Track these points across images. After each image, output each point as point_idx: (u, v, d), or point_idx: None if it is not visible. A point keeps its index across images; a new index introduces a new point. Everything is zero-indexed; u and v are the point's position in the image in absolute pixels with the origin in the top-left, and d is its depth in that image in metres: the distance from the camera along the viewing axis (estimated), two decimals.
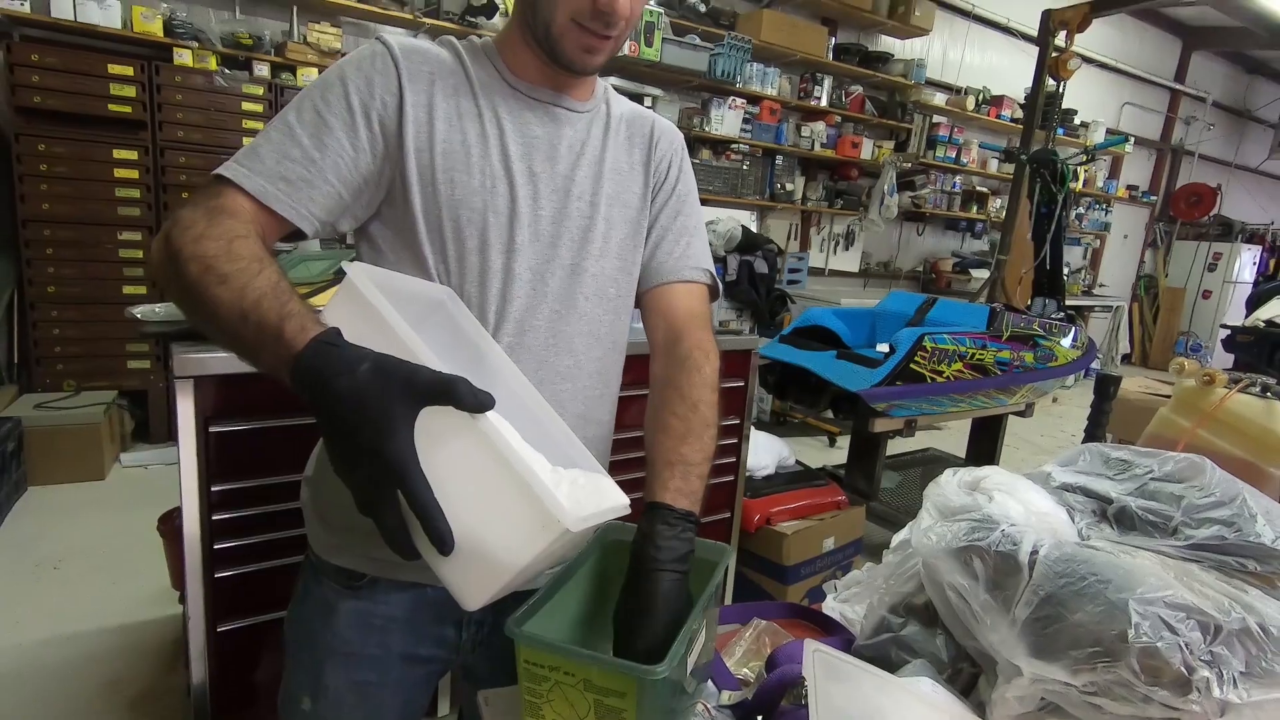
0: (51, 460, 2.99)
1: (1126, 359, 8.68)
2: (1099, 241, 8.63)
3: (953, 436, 4.50)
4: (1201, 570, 0.68)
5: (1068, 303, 6.12)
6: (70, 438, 3.03)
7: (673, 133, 0.97)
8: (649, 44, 4.39)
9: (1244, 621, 0.60)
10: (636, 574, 0.68)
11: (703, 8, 4.86)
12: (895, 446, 3.33)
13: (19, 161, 3.09)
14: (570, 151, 0.85)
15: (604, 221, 0.86)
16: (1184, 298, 8.88)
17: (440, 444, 0.55)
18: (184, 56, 3.37)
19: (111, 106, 3.18)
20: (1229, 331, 3.86)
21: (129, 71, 3.19)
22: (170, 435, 3.36)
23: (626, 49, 4.33)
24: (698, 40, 4.71)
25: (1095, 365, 7.35)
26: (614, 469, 0.82)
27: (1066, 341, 3.12)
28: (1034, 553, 0.68)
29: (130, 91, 3.20)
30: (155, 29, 3.33)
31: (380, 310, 0.60)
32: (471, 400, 0.54)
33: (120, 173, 3.25)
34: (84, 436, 3.06)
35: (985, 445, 3.48)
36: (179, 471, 1.32)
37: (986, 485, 0.81)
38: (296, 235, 0.75)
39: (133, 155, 3.26)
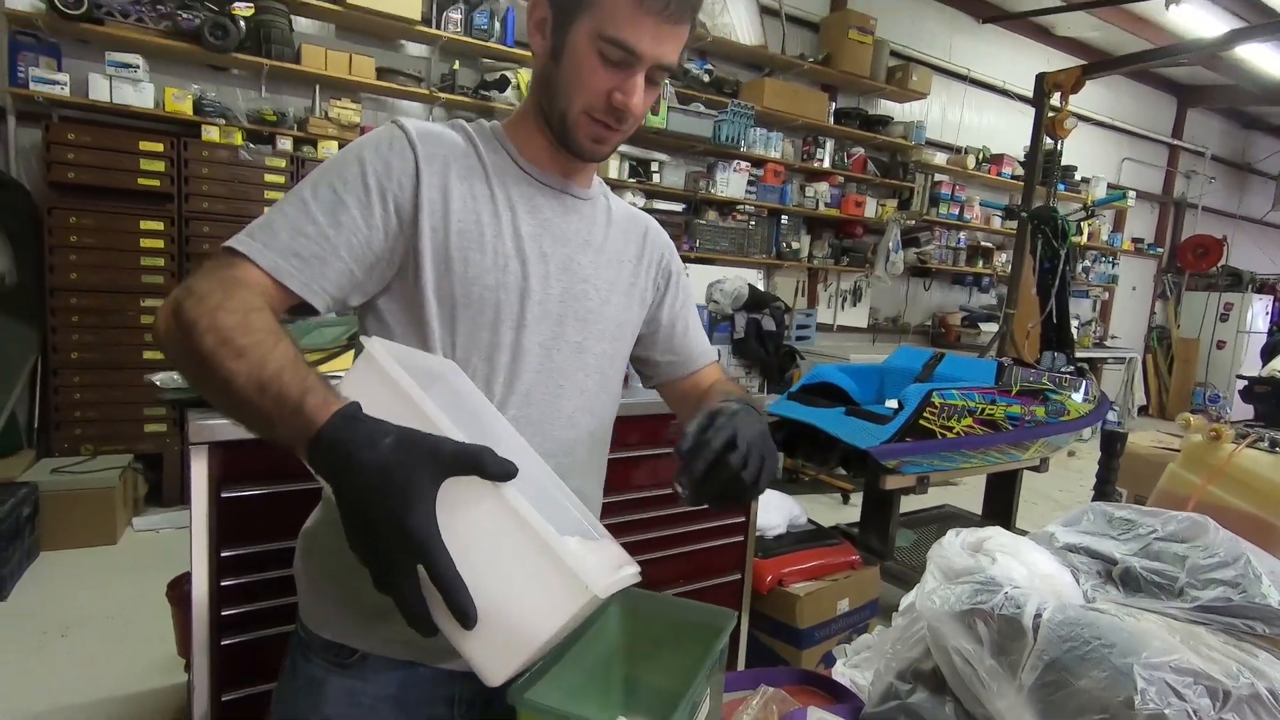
0: (65, 525, 3.01)
1: (1144, 410, 8.58)
2: (1107, 294, 8.65)
3: (969, 492, 4.43)
4: (1209, 633, 0.67)
5: (1079, 355, 6.11)
6: (85, 501, 3.05)
7: (661, 231, 1.04)
8: (655, 113, 4.56)
9: (1253, 687, 0.59)
10: (709, 415, 0.72)
11: (706, 77, 5.06)
12: (910, 504, 3.29)
13: (50, 234, 3.22)
14: (577, 236, 0.89)
15: (607, 305, 0.91)
16: (1198, 348, 8.82)
17: (462, 514, 0.55)
18: (211, 133, 3.54)
19: (141, 180, 3.33)
20: (1246, 382, 3.83)
21: (159, 148, 3.35)
22: (183, 499, 3.39)
23: None
24: (702, 108, 4.88)
25: (1112, 418, 7.30)
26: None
27: (1078, 396, 3.11)
28: (1038, 616, 0.68)
29: (159, 166, 3.35)
30: (185, 108, 3.51)
31: (401, 383, 0.60)
32: (498, 469, 0.54)
33: (146, 242, 3.37)
34: (98, 500, 3.08)
35: (1001, 501, 3.42)
36: (190, 536, 1.33)
37: (990, 546, 0.81)
38: (306, 310, 0.76)
39: (159, 226, 3.39)
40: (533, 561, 0.55)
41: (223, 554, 1.34)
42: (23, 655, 2.32)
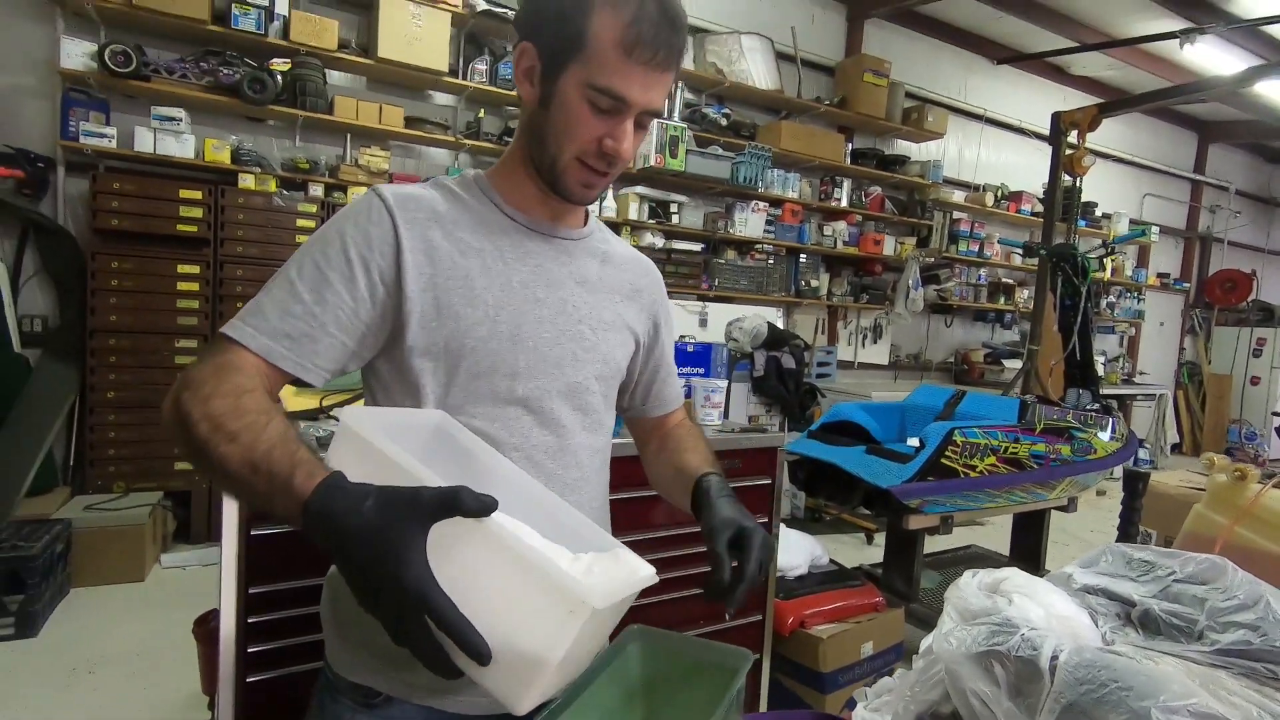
0: (96, 561, 3.06)
1: (1177, 448, 8.37)
2: (1134, 329, 8.53)
3: (996, 533, 4.34)
4: (1229, 677, 0.66)
5: (1107, 392, 6.00)
6: (115, 539, 3.11)
7: (655, 272, 1.06)
8: (674, 156, 4.66)
9: None
10: (720, 506, 0.84)
11: (724, 121, 5.18)
12: (935, 544, 3.23)
13: (93, 278, 3.35)
14: (570, 278, 0.91)
15: (602, 343, 0.92)
16: (1231, 384, 8.63)
17: (454, 555, 0.57)
18: (247, 180, 3.69)
19: (180, 226, 3.47)
20: None
21: (198, 195, 3.49)
22: (210, 535, 3.44)
23: (653, 160, 4.60)
24: (720, 150, 4.98)
25: (1145, 456, 7.13)
26: None
27: (1105, 434, 3.06)
28: (1054, 658, 0.68)
29: (198, 213, 3.49)
30: (224, 158, 3.66)
31: (376, 444, 0.63)
32: (476, 506, 0.55)
33: (183, 285, 3.50)
34: (129, 537, 3.14)
35: (1029, 541, 3.35)
36: (219, 573, 1.36)
37: (1006, 587, 0.81)
38: (304, 383, 0.79)
39: (195, 269, 3.51)
40: (529, 586, 0.56)
41: (251, 590, 1.37)
42: (53, 691, 2.35)
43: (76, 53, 3.37)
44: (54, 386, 3.35)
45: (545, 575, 0.55)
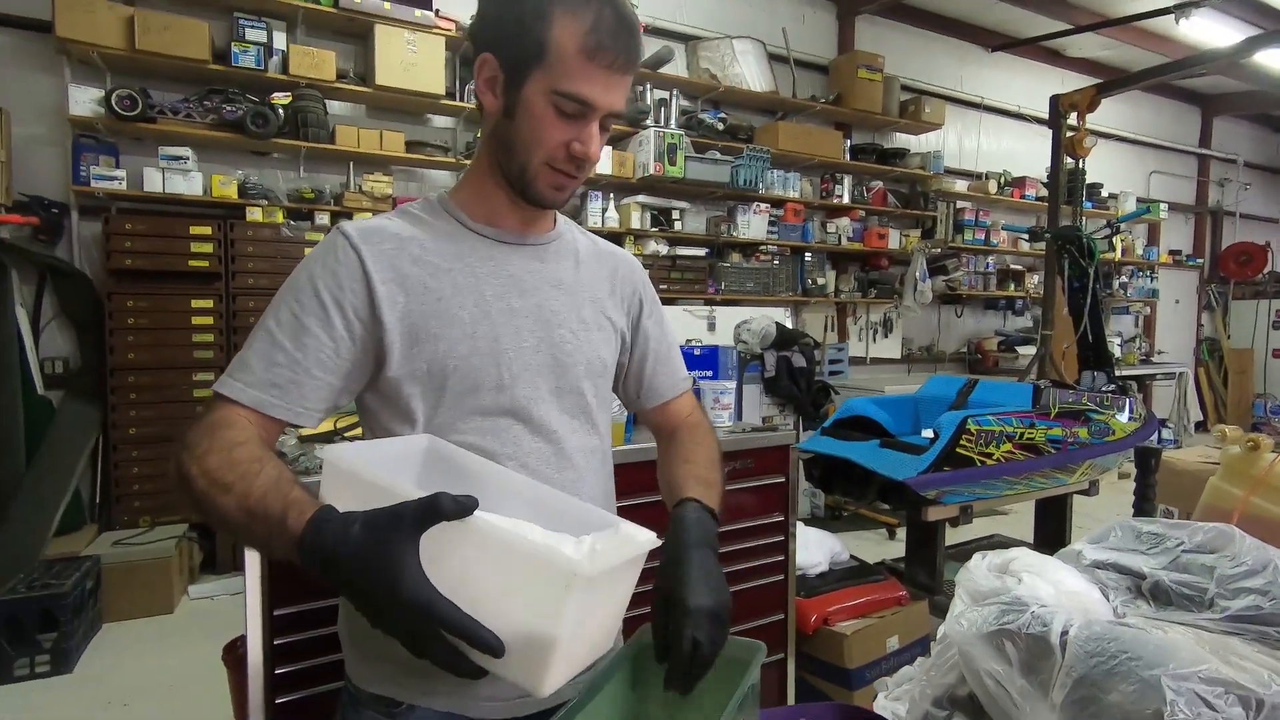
0: (126, 595, 3.11)
1: (1200, 426, 8.24)
2: (1149, 308, 8.43)
3: (1019, 521, 4.29)
4: (1242, 643, 0.67)
5: (1125, 373, 5.93)
6: (144, 572, 3.16)
7: (632, 262, 1.05)
8: (673, 163, 4.69)
9: None
10: (673, 559, 0.78)
11: (720, 126, 5.20)
12: (957, 535, 3.21)
13: (110, 318, 3.42)
14: (544, 282, 0.91)
15: (584, 344, 0.93)
16: (1253, 358, 8.50)
17: (449, 559, 0.59)
18: (255, 213, 3.75)
19: (191, 262, 3.53)
20: None
21: (208, 230, 3.56)
22: (236, 565, 3.48)
23: (652, 168, 4.63)
24: (718, 155, 5.01)
25: (1168, 435, 7.03)
26: None
27: (1123, 415, 3.04)
28: (1064, 633, 0.68)
29: (208, 248, 3.56)
30: (231, 192, 3.73)
31: (358, 473, 0.66)
32: (455, 508, 0.57)
33: (197, 320, 3.56)
34: (156, 570, 3.18)
35: (1053, 527, 3.32)
36: (245, 598, 1.39)
37: (1015, 567, 0.82)
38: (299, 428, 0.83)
39: (208, 303, 3.57)
40: (521, 570, 0.57)
41: (276, 613, 1.39)
42: None
43: (84, 99, 3.46)
44: (77, 426, 3.42)
45: (533, 555, 0.57)
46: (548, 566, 0.56)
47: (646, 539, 0.67)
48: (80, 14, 3.32)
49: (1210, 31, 6.01)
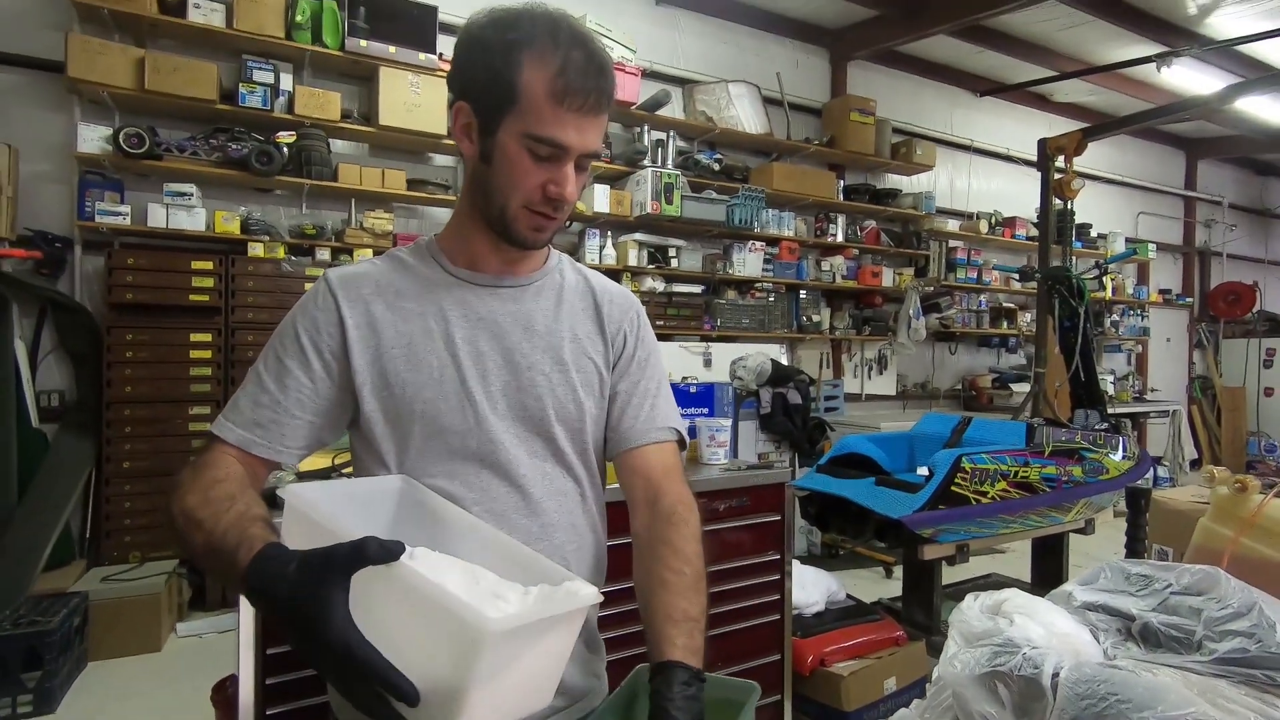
0: (113, 633, 3.06)
1: (1195, 465, 8.25)
2: (1141, 346, 8.51)
3: (1016, 560, 4.28)
4: (1229, 685, 0.68)
5: (1119, 411, 5.96)
6: (132, 609, 3.11)
7: (624, 300, 1.02)
8: (669, 202, 4.77)
9: None
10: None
11: (716, 166, 5.31)
12: (954, 574, 3.19)
13: (109, 351, 3.43)
14: (516, 325, 0.91)
15: (562, 386, 0.91)
16: (1245, 396, 8.55)
17: (375, 603, 0.59)
18: (257, 249, 3.79)
19: (192, 296, 3.56)
20: None
21: (209, 265, 3.59)
22: (225, 601, 3.44)
23: (649, 207, 4.71)
24: (714, 194, 5.10)
25: (1163, 474, 7.03)
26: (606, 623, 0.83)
27: (1117, 455, 3.05)
28: (1056, 675, 0.69)
29: (209, 283, 3.59)
30: (234, 228, 3.78)
31: (308, 513, 0.68)
32: (380, 553, 0.58)
33: (195, 354, 3.57)
34: (145, 607, 3.14)
35: (1050, 566, 3.31)
36: (237, 636, 1.38)
37: (1007, 609, 0.82)
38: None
39: (207, 337, 3.59)
40: (435, 621, 0.57)
41: (268, 652, 1.38)
42: None
43: (92, 137, 3.52)
44: (71, 460, 3.40)
45: (445, 609, 0.57)
46: (460, 622, 0.56)
47: (588, 595, 0.67)
48: (92, 55, 3.41)
49: (1191, 79, 6.21)
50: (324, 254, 4.00)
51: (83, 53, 3.38)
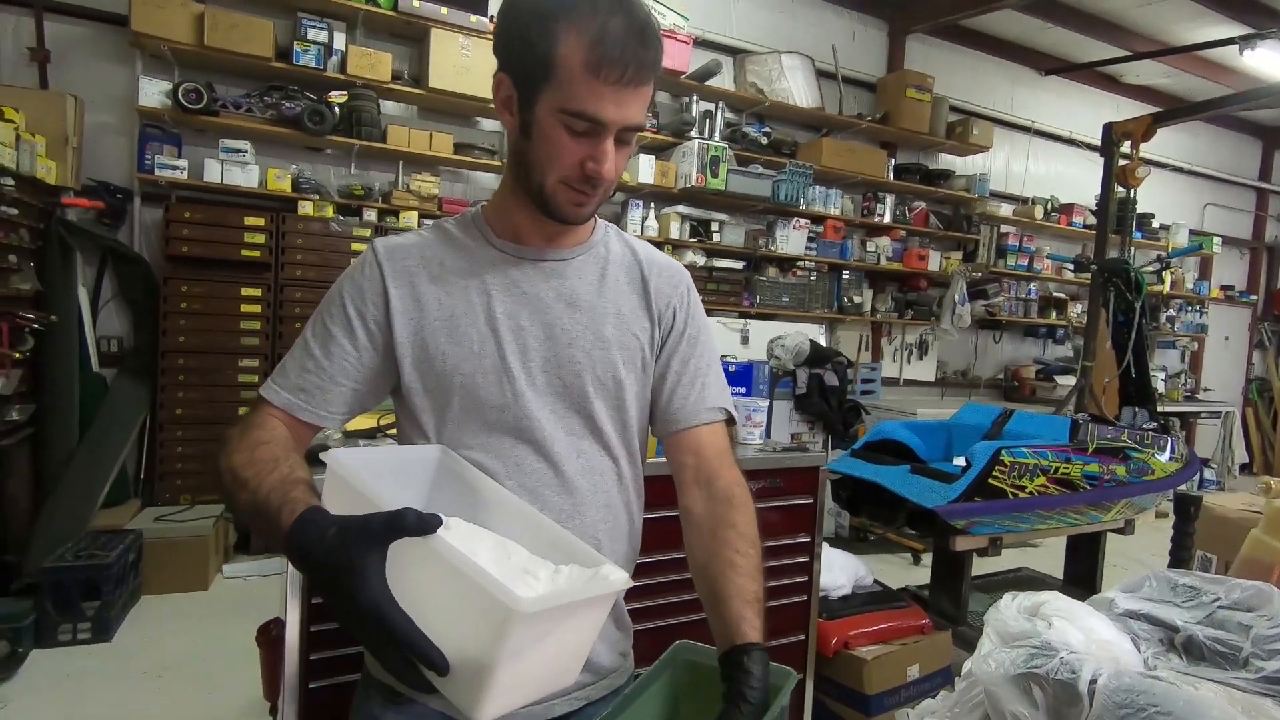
0: (165, 570, 3.22)
1: (1246, 469, 7.97)
2: (1196, 344, 8.19)
3: (1049, 555, 4.21)
4: (1276, 705, 0.66)
5: (1168, 410, 5.77)
6: (182, 549, 3.27)
7: (673, 273, 0.99)
8: (714, 175, 4.71)
9: None
10: (740, 711, 0.72)
11: (764, 140, 5.21)
12: (984, 566, 3.16)
13: (165, 301, 3.56)
14: (559, 300, 0.90)
15: (603, 364, 0.90)
16: None
17: (410, 573, 0.61)
18: (306, 207, 3.87)
19: (244, 252, 3.66)
20: None
21: (261, 222, 3.68)
22: (269, 547, 3.59)
23: (694, 179, 4.66)
24: (760, 169, 5.01)
25: (1210, 476, 6.81)
26: (636, 594, 0.85)
27: (1164, 455, 2.96)
28: (1093, 682, 0.69)
29: (260, 239, 3.68)
30: (285, 186, 3.85)
31: (349, 479, 0.69)
32: (418, 525, 0.59)
33: (246, 308, 3.68)
34: (194, 548, 3.29)
35: (1084, 565, 3.25)
36: (284, 582, 1.44)
37: (1046, 611, 0.82)
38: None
39: (258, 292, 3.69)
40: (467, 597, 0.59)
41: (314, 599, 1.44)
42: (125, 695, 2.48)
43: (153, 91, 3.60)
44: (128, 404, 3.55)
45: (477, 585, 0.58)
46: (490, 599, 0.57)
47: (618, 580, 0.68)
48: (154, 9, 3.47)
49: (1275, 63, 5.85)
50: (371, 215, 4.06)
51: (145, 5, 3.45)
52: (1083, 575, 3.20)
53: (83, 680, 2.55)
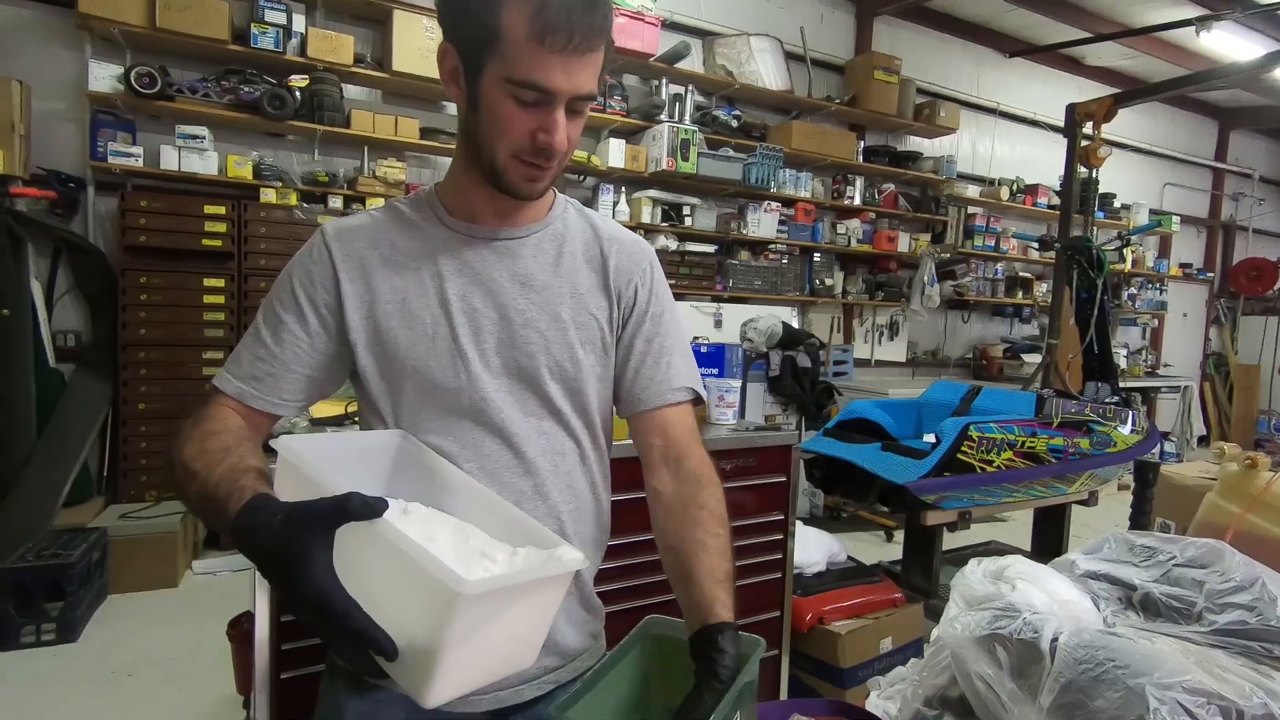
0: (131, 568, 3.16)
1: (1203, 441, 8.23)
2: (1157, 321, 8.42)
3: (1017, 528, 4.32)
4: (1226, 656, 0.69)
5: (1131, 385, 5.93)
6: (149, 546, 3.20)
7: (635, 249, 0.96)
8: (685, 159, 4.69)
9: (1266, 707, 0.60)
10: (712, 690, 0.71)
11: (734, 123, 5.20)
12: (955, 540, 3.23)
13: (123, 293, 3.45)
14: (513, 281, 0.88)
15: (559, 345, 0.88)
16: (1259, 375, 8.47)
17: (357, 558, 0.60)
18: (269, 195, 3.77)
19: (205, 241, 3.56)
20: None
21: (222, 210, 3.58)
22: None
23: (664, 163, 4.64)
24: (731, 152, 5.01)
25: (1170, 449, 7.02)
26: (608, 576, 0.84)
27: (1125, 428, 3.05)
28: (1054, 640, 0.71)
29: (222, 228, 3.58)
30: (246, 173, 3.76)
31: (299, 466, 0.69)
32: (363, 509, 0.58)
33: (208, 299, 3.59)
34: (162, 545, 3.23)
35: (1051, 536, 3.34)
36: (253, 574, 1.42)
37: (1010, 574, 0.84)
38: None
39: (220, 283, 3.60)
40: (412, 580, 0.58)
41: None
42: (94, 695, 2.43)
43: (104, 76, 3.48)
44: (88, 400, 3.45)
45: (421, 568, 0.58)
46: (434, 582, 0.57)
47: (573, 560, 0.67)
48: None
49: (1231, 45, 5.98)
50: (336, 202, 3.97)
51: None
52: (1050, 547, 3.29)
53: (47, 682, 2.49)
